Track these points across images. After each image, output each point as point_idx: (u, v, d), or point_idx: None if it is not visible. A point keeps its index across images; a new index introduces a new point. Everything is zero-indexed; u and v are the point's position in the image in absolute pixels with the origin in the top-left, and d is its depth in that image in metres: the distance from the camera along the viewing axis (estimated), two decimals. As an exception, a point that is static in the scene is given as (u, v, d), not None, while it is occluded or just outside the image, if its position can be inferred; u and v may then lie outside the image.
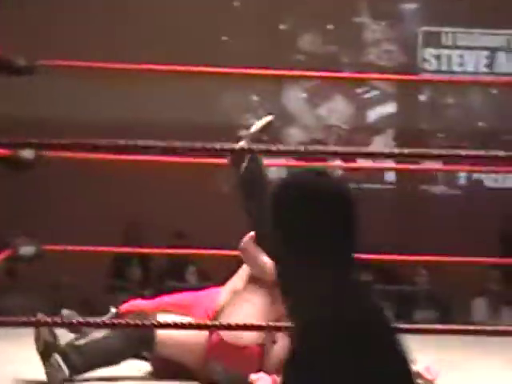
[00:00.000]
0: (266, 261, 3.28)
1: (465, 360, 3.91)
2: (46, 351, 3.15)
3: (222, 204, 7.49)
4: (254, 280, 3.34)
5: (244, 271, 3.44)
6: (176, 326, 2.34)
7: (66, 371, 3.15)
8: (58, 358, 3.15)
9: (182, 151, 1.96)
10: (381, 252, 4.99)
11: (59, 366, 3.15)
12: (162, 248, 6.09)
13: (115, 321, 3.04)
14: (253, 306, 3.27)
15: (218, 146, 2.13)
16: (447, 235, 6.98)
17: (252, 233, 3.33)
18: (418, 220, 7.55)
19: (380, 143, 8.14)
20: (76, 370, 3.17)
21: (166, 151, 1.88)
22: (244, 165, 3.38)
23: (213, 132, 6.92)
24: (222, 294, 3.43)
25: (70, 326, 3.12)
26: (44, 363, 3.15)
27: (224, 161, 4.84)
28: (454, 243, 5.78)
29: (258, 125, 3.51)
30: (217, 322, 3.16)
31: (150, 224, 6.86)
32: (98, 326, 2.77)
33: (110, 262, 7.02)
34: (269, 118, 3.56)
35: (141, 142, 2.14)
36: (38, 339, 3.17)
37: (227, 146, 2.11)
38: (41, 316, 2.91)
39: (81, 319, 2.50)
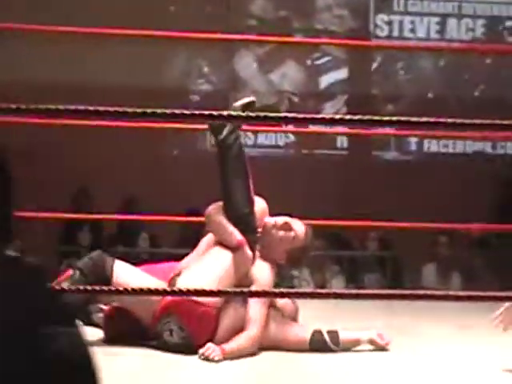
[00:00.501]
0: (231, 228, 3.34)
1: (414, 325, 3.96)
2: None
3: (172, 168, 7.48)
4: (217, 245, 3.38)
5: (204, 242, 3.48)
6: (134, 292, 2.33)
7: None
8: None
9: (158, 117, 1.94)
10: (332, 218, 5.03)
11: None
12: (113, 214, 6.04)
13: (72, 286, 3.01)
14: (215, 266, 3.31)
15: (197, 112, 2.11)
16: (399, 201, 7.05)
17: (219, 202, 3.38)
18: (369, 186, 7.61)
19: (332, 109, 8.16)
20: None
21: (136, 116, 1.85)
22: (223, 135, 3.40)
23: (165, 96, 6.89)
24: (182, 262, 3.47)
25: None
26: None
27: (175, 125, 4.83)
28: (406, 209, 5.84)
29: (240, 102, 3.52)
30: (175, 288, 3.15)
31: (101, 189, 6.81)
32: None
33: (61, 227, 6.96)
34: (251, 98, 3.57)
35: (92, 107, 2.10)
36: None
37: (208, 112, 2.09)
38: None
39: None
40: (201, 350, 3.14)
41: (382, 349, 3.41)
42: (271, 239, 3.44)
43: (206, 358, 3.12)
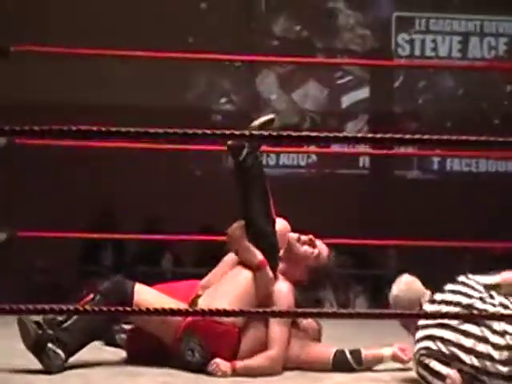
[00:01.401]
0: (252, 249, 3.35)
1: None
2: (38, 345, 3.15)
3: (195, 189, 7.51)
4: (239, 264, 3.39)
5: (226, 262, 3.49)
6: (156, 312, 2.34)
7: (63, 355, 3.15)
8: (51, 346, 3.15)
9: (179, 137, 1.95)
10: (354, 237, 5.03)
11: (55, 353, 3.15)
12: (137, 233, 6.07)
13: (95, 307, 3.03)
14: (236, 286, 3.31)
15: (218, 132, 2.12)
16: (422, 219, 7.03)
17: (242, 221, 3.39)
18: (391, 205, 7.59)
19: (354, 128, 8.16)
20: (70, 351, 3.18)
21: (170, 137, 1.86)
22: (242, 156, 3.40)
23: (188, 116, 6.93)
24: (203, 280, 3.48)
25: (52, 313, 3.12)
26: (39, 356, 3.15)
27: (197, 146, 4.86)
28: (429, 227, 5.83)
29: (259, 121, 3.53)
30: (196, 308, 3.15)
31: (124, 209, 6.85)
32: (81, 312, 2.77)
33: (84, 247, 7.00)
34: (271, 116, 3.58)
35: (116, 128, 2.12)
36: (26, 336, 3.15)
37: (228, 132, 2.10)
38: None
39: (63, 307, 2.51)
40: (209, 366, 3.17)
41: (405, 363, 3.39)
42: (295, 253, 3.43)
43: (211, 373, 3.15)
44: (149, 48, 4.72)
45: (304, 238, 3.47)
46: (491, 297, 3.02)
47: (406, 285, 3.18)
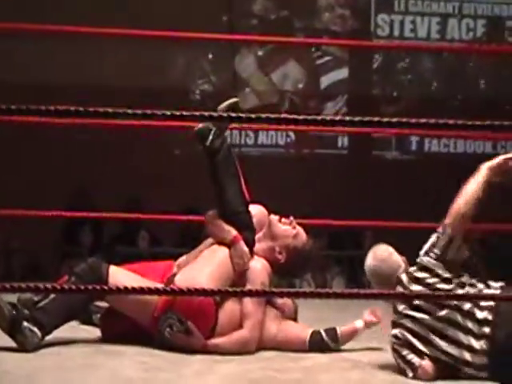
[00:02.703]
0: (226, 227, 3.38)
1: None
2: (13, 325, 3.14)
3: (173, 168, 7.49)
4: (216, 244, 3.42)
5: (203, 244, 3.51)
6: (132, 290, 2.33)
7: (39, 333, 3.15)
8: (27, 324, 3.14)
9: (158, 118, 1.93)
10: (332, 217, 5.03)
11: (31, 331, 3.15)
12: (114, 213, 6.05)
13: (72, 286, 3.03)
14: (212, 262, 3.34)
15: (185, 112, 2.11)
16: (399, 200, 7.06)
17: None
18: (370, 185, 7.62)
19: (333, 109, 8.17)
20: (46, 330, 3.18)
21: (145, 117, 1.83)
22: (209, 140, 3.41)
23: (166, 95, 6.90)
24: (179, 260, 3.49)
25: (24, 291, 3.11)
26: (14, 336, 3.14)
27: (177, 124, 4.84)
28: (406, 208, 5.84)
29: (224, 104, 3.53)
30: (173, 287, 3.15)
31: (101, 188, 6.82)
32: (57, 290, 2.76)
33: (61, 227, 6.97)
34: (234, 99, 3.59)
35: (96, 108, 2.09)
36: (1, 318, 3.13)
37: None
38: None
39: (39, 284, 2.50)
40: None
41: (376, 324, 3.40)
42: (274, 232, 3.46)
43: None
44: (125, 26, 4.69)
45: (285, 220, 3.50)
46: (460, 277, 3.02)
47: (381, 259, 3.18)
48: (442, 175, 7.68)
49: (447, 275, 2.99)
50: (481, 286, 3.00)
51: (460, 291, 2.93)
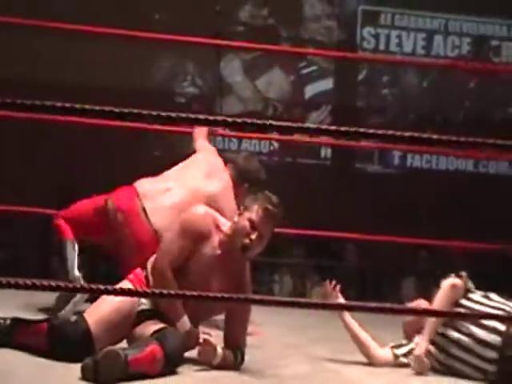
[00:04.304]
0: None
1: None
2: None
3: (154, 167, 7.48)
4: None
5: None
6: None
7: None
8: None
9: (143, 119, 1.94)
10: (313, 227, 5.06)
11: None
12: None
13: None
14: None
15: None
16: (379, 213, 7.09)
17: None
18: (351, 197, 7.65)
19: (316, 119, 8.20)
20: None
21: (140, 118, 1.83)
22: None
23: (150, 97, 6.90)
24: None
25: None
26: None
27: (156, 126, 4.84)
28: (386, 222, 5.88)
29: None
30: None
31: (83, 187, 6.80)
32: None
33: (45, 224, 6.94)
34: None
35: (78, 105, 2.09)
36: None
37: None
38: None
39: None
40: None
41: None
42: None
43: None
44: (113, 25, 4.69)
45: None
46: None
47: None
48: (423, 191, 7.73)
49: None
50: None
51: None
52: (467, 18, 8.41)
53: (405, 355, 3.43)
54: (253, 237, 3.19)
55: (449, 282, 3.43)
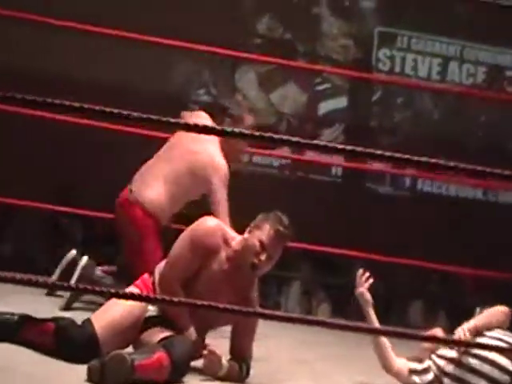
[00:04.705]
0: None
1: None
2: None
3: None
4: None
5: None
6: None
7: None
8: None
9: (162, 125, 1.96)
10: (321, 243, 5.08)
11: None
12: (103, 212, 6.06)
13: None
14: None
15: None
16: (389, 234, 7.09)
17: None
18: (361, 216, 7.65)
19: (329, 136, 8.21)
20: None
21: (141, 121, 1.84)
22: None
23: (165, 102, 6.93)
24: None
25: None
26: None
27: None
28: (395, 243, 5.89)
29: None
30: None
31: (90, 185, 6.83)
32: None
33: (50, 219, 6.98)
34: None
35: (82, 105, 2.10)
36: None
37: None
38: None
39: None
40: None
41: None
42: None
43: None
44: (132, 30, 4.73)
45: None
46: None
47: None
48: (432, 215, 7.73)
49: None
50: None
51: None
52: (483, 47, 8.42)
53: (419, 373, 3.40)
54: (262, 257, 3.21)
55: (500, 308, 3.44)
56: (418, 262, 5.01)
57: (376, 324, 3.47)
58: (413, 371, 3.41)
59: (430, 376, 3.37)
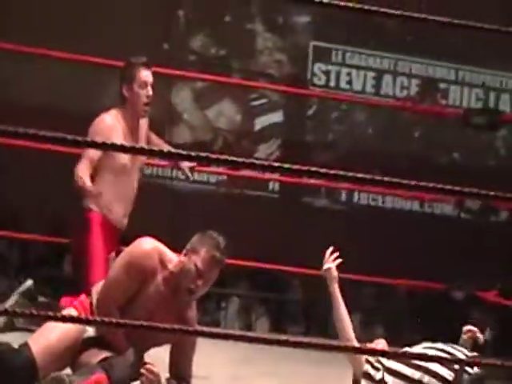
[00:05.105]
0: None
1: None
2: None
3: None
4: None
5: None
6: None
7: None
8: None
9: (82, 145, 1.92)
10: (257, 259, 5.06)
11: None
12: (40, 235, 5.97)
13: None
14: None
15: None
16: (325, 249, 7.10)
17: None
18: (298, 231, 7.66)
19: (266, 151, 8.22)
20: None
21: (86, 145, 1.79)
22: None
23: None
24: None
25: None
26: None
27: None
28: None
29: None
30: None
31: (26, 209, 6.72)
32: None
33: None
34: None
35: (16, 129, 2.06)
36: None
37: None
38: None
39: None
40: None
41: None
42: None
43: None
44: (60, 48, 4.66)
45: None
46: None
47: None
48: (368, 228, 7.78)
49: None
50: None
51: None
52: (415, 60, 8.53)
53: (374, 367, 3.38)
54: (199, 283, 3.20)
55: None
56: (353, 275, 5.03)
57: (340, 300, 3.47)
58: (368, 362, 3.41)
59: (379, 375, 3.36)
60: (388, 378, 3.32)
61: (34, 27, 7.14)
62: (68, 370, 3.11)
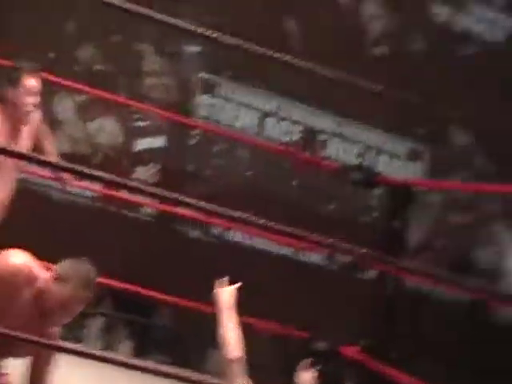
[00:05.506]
0: None
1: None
2: None
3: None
4: None
5: None
6: None
7: None
8: None
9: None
10: (126, 280, 5.00)
11: None
12: None
13: None
14: None
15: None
16: (197, 280, 7.09)
17: None
18: (169, 258, 7.61)
19: (144, 174, 8.15)
20: None
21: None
22: None
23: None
24: None
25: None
26: None
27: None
28: (200, 288, 5.89)
29: None
30: None
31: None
32: None
33: None
34: None
35: None
36: None
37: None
38: None
39: None
40: None
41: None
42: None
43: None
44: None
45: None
46: None
47: None
48: (239, 265, 7.78)
49: None
50: None
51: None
52: (300, 106, 8.63)
53: None
54: (62, 312, 3.19)
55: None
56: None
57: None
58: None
59: None
60: None
61: None
62: None
